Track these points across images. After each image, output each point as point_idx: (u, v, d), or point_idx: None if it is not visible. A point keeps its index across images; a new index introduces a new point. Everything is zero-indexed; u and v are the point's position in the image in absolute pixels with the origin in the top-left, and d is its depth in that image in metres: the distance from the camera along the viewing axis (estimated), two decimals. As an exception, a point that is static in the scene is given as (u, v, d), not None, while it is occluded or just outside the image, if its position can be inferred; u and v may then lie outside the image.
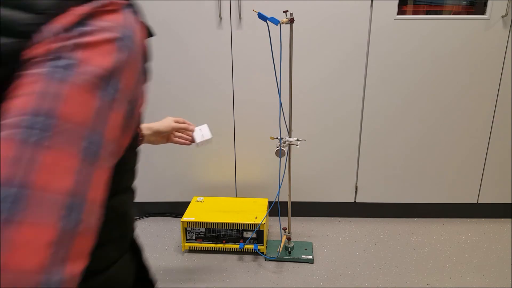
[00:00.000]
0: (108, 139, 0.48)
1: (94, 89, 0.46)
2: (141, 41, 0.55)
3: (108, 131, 0.48)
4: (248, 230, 1.87)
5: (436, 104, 1.99)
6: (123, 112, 0.51)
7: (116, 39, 0.50)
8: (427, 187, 2.13)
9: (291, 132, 1.75)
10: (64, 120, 0.43)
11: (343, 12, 1.86)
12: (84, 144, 0.44)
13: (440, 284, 1.72)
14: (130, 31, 0.52)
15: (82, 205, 0.43)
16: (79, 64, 0.46)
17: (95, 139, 0.46)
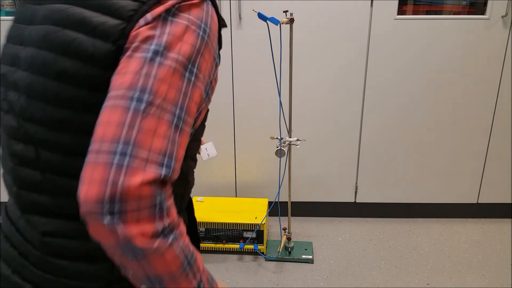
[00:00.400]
0: (190, 113, 0.60)
1: (180, 73, 0.58)
2: (216, 31, 0.65)
3: (190, 106, 0.60)
4: (248, 230, 1.87)
5: (436, 104, 1.99)
6: (201, 91, 0.62)
7: (197, 30, 0.61)
8: (427, 187, 2.13)
9: (291, 132, 1.75)
10: (160, 97, 0.55)
11: (343, 12, 1.86)
12: (172, 116, 0.56)
13: (440, 284, 1.72)
14: (208, 22, 0.63)
15: (172, 161, 0.56)
16: (168, 49, 0.58)
17: (181, 112, 0.58)
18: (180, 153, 0.58)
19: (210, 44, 0.63)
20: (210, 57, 0.64)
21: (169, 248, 0.56)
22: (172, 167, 0.56)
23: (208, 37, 0.62)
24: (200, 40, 0.61)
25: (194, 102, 0.60)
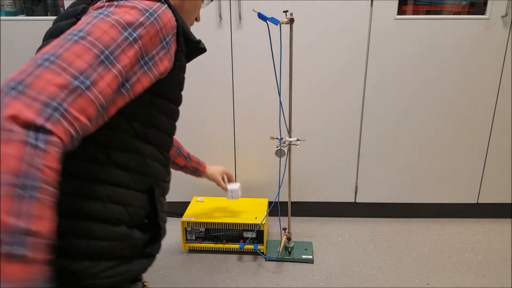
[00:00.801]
0: (119, 60, 0.70)
1: (119, 29, 0.70)
2: (168, 26, 0.78)
3: (121, 56, 0.70)
4: (248, 230, 1.87)
5: (436, 104, 1.99)
6: (137, 53, 0.73)
7: (142, 10, 0.75)
8: (427, 187, 2.13)
9: (291, 132, 1.75)
10: (92, 36, 0.67)
11: (343, 12, 1.86)
12: (100, 53, 0.67)
13: (440, 284, 1.72)
14: (157, 12, 0.76)
15: (91, 83, 0.65)
16: (112, 13, 0.72)
17: (110, 55, 0.68)
18: (100, 84, 0.66)
19: (157, 28, 0.76)
20: (156, 37, 0.76)
21: (21, 144, 0.55)
22: (87, 85, 0.64)
23: (155, 21, 0.75)
24: (145, 17, 0.74)
25: (127, 56, 0.71)
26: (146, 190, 0.86)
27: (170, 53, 0.80)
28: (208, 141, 2.09)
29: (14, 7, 2.04)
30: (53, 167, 0.58)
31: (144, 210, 0.86)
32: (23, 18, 1.93)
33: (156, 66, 0.78)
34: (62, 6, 1.94)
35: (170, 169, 0.99)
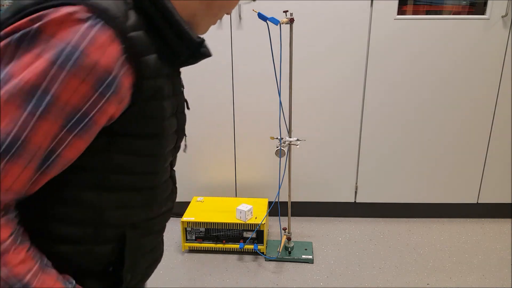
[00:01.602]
0: (31, 144, 0.57)
1: (16, 101, 0.56)
2: (101, 61, 0.58)
3: (33, 139, 0.57)
4: (248, 230, 1.87)
5: (436, 104, 1.99)
6: (53, 124, 0.58)
7: (57, 54, 0.56)
8: (427, 187, 2.13)
9: (291, 132, 1.75)
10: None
11: (343, 12, 1.86)
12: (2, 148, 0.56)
13: (440, 284, 1.72)
14: (80, 49, 0.57)
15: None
16: (8, 76, 0.56)
17: (11, 145, 0.56)
18: (6, 180, 0.58)
19: (83, 73, 0.58)
20: (84, 85, 0.58)
21: None
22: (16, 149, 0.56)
23: (75, 65, 0.57)
24: (58, 66, 0.57)
25: (39, 135, 0.58)
26: (114, 239, 0.76)
27: (120, 94, 0.63)
28: (208, 141, 2.09)
29: (14, 7, 2.04)
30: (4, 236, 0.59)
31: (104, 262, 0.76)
32: (23, 18, 1.93)
33: (95, 122, 0.62)
34: (62, 6, 1.94)
35: (169, 197, 0.87)
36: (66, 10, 0.58)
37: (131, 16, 0.64)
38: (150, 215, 0.81)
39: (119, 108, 0.64)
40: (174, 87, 0.78)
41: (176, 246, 2.00)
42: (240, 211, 1.86)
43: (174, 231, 2.12)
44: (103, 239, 0.74)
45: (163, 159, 0.79)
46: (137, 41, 0.63)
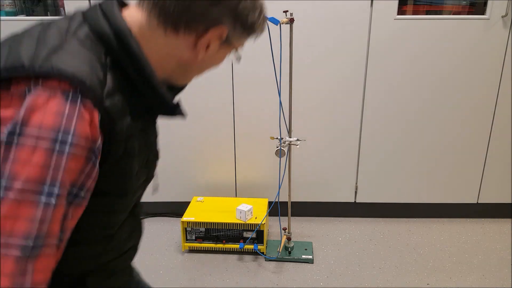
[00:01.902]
0: (55, 232, 0.59)
1: (31, 200, 0.56)
2: (89, 136, 0.61)
3: (54, 226, 0.59)
4: (248, 230, 1.87)
5: (435, 104, 1.99)
6: (61, 209, 0.60)
7: (51, 144, 0.57)
8: (427, 187, 2.13)
9: (291, 132, 1.75)
10: (5, 236, 0.55)
11: (343, 12, 1.86)
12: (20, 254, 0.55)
13: (440, 284, 1.72)
14: (71, 132, 0.59)
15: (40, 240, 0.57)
16: (12, 182, 0.55)
17: (36, 246, 0.57)
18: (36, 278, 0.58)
19: (80, 152, 0.60)
20: (80, 161, 0.60)
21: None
22: (42, 245, 0.57)
23: (73, 148, 0.59)
24: (57, 155, 0.58)
25: (57, 222, 0.59)
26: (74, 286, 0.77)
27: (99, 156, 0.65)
28: (208, 141, 2.09)
29: (14, 7, 2.04)
30: None
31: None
32: (23, 18, 1.93)
33: (89, 189, 0.65)
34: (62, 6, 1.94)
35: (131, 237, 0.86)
36: (45, 92, 0.59)
37: (108, 80, 0.65)
38: (109, 258, 0.81)
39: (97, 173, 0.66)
40: (146, 140, 0.79)
41: (176, 246, 2.00)
42: (240, 211, 1.86)
43: (174, 231, 2.12)
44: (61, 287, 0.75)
45: (125, 211, 0.80)
46: (112, 109, 0.64)
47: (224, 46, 0.75)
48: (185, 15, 0.68)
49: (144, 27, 0.70)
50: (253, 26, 0.76)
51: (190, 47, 0.72)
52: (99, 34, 0.67)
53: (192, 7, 0.68)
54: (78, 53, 0.63)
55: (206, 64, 0.78)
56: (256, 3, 0.74)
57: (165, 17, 0.69)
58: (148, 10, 0.70)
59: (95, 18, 0.68)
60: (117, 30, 0.67)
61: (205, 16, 0.69)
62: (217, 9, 0.69)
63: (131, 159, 0.73)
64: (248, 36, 0.77)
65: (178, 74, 0.78)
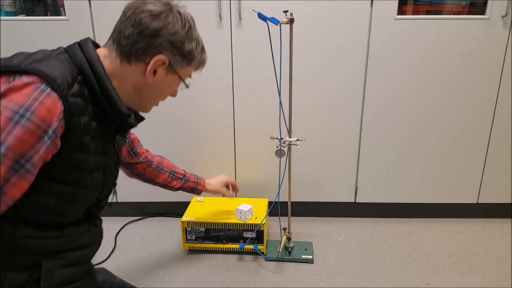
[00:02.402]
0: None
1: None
2: (47, 118, 0.78)
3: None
4: (248, 230, 1.87)
5: (435, 104, 1.99)
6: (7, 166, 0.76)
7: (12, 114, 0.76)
8: (427, 187, 2.13)
9: (291, 132, 1.75)
10: None
11: (343, 12, 1.86)
12: None
13: (440, 284, 1.72)
14: (31, 110, 0.77)
15: None
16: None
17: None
18: None
19: (32, 127, 0.77)
20: (32, 136, 0.78)
21: None
22: None
23: (28, 121, 0.77)
24: (13, 123, 0.76)
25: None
26: (29, 267, 0.89)
27: (55, 142, 0.82)
28: (208, 141, 2.09)
29: (14, 7, 2.04)
30: None
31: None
32: (23, 18, 1.93)
33: (35, 165, 0.80)
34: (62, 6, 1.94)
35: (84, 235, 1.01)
36: (24, 80, 0.79)
37: (75, 86, 0.86)
38: (63, 248, 0.95)
39: (51, 153, 0.82)
40: (104, 148, 0.98)
41: (176, 246, 2.00)
42: (240, 211, 1.86)
43: (174, 231, 2.12)
44: (18, 266, 0.88)
45: (78, 205, 0.95)
46: (73, 105, 0.84)
47: (170, 73, 0.98)
48: (134, 48, 0.92)
49: (107, 58, 0.94)
50: (191, 55, 0.98)
51: (141, 73, 0.95)
52: (75, 59, 0.90)
53: (138, 42, 0.91)
54: (54, 65, 0.85)
55: (158, 88, 0.99)
56: (191, 36, 0.97)
57: (121, 51, 0.93)
58: (109, 46, 0.95)
59: (74, 49, 0.91)
60: (89, 56, 0.90)
61: (148, 48, 0.92)
62: (157, 42, 0.92)
63: (84, 154, 0.90)
64: (189, 64, 1.00)
65: (136, 99, 0.99)
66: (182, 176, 1.63)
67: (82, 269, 1.02)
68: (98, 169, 0.97)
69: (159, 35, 0.92)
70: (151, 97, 1.01)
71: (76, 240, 0.98)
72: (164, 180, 1.58)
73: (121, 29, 0.93)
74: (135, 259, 1.90)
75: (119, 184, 2.14)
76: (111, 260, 1.89)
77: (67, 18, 1.90)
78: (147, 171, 1.52)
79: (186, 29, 0.95)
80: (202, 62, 1.05)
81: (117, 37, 0.93)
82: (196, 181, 1.69)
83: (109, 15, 1.89)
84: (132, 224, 2.19)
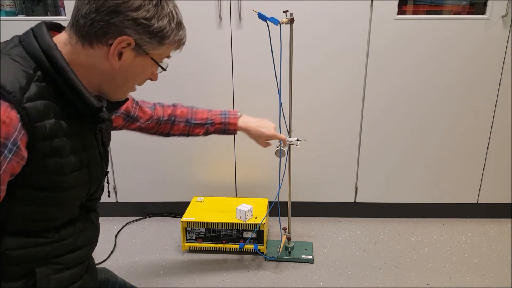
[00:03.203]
0: None
1: None
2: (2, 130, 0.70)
3: None
4: (248, 230, 1.87)
5: (436, 104, 1.99)
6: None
7: None
8: (427, 187, 2.13)
9: (291, 132, 1.75)
10: None
11: (343, 12, 1.86)
12: None
13: (440, 284, 1.72)
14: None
15: None
16: None
17: None
18: None
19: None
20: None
21: None
22: None
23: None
24: None
25: None
26: (23, 275, 0.85)
27: (20, 154, 0.74)
28: (208, 141, 2.09)
29: (14, 7, 2.04)
30: None
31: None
32: (23, 18, 1.93)
33: (2, 181, 0.74)
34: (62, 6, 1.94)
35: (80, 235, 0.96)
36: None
37: (31, 88, 0.76)
38: (57, 253, 0.90)
39: (18, 165, 0.75)
40: (84, 143, 0.90)
41: (176, 246, 2.00)
42: (240, 211, 1.86)
43: (174, 231, 2.12)
44: (11, 275, 0.83)
45: (65, 207, 0.89)
46: (32, 110, 0.74)
47: (140, 55, 0.85)
48: (93, 29, 0.79)
49: (67, 44, 0.82)
50: (162, 32, 0.84)
51: (105, 57, 0.82)
52: (31, 52, 0.79)
53: (96, 22, 0.79)
54: (5, 66, 0.75)
55: (129, 73, 0.87)
56: (161, 11, 0.83)
57: (81, 34, 0.81)
58: (69, 30, 0.83)
59: (28, 40, 0.81)
60: (45, 46, 0.79)
61: (109, 28, 0.79)
62: (117, 20, 0.79)
63: (58, 159, 0.82)
64: (161, 43, 0.85)
65: (107, 87, 0.88)
66: (204, 120, 1.43)
67: (80, 269, 0.98)
68: (81, 167, 0.89)
69: (119, 11, 0.79)
70: (123, 83, 0.89)
71: (71, 243, 0.93)
72: (181, 130, 1.41)
73: (78, 6, 0.80)
74: (135, 259, 1.90)
75: (119, 184, 2.14)
76: (111, 260, 1.89)
77: (67, 18, 1.90)
78: (158, 128, 1.39)
79: (153, 3, 0.81)
80: (179, 40, 0.89)
81: (75, 17, 0.81)
82: (223, 121, 1.45)
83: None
84: (132, 224, 2.19)
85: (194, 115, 1.44)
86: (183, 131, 1.43)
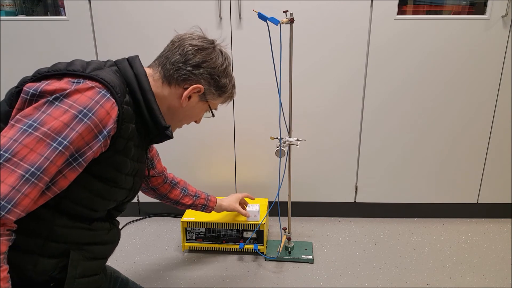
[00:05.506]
0: (48, 173, 0.82)
1: (45, 141, 0.82)
2: (104, 120, 0.89)
3: (50, 168, 0.82)
4: (248, 230, 1.87)
5: (436, 104, 1.99)
6: (65, 160, 0.85)
7: (77, 113, 0.85)
8: (427, 187, 2.13)
9: (291, 132, 1.75)
10: (17, 157, 0.80)
11: (343, 12, 1.86)
12: (25, 172, 0.79)
13: (440, 284, 1.72)
14: (94, 111, 0.87)
15: (13, 205, 0.78)
16: (42, 124, 0.82)
17: (36, 171, 0.80)
18: (24, 201, 0.79)
19: (92, 126, 0.87)
20: (90, 134, 0.87)
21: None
22: (7, 209, 0.77)
23: (89, 120, 0.86)
24: (77, 121, 0.85)
25: (55, 166, 0.83)
26: (59, 254, 0.96)
27: (106, 141, 0.91)
28: (208, 141, 2.09)
29: (14, 7, 2.04)
30: (3, 251, 0.78)
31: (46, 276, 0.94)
32: (23, 18, 1.93)
33: (86, 159, 0.89)
34: (62, 6, 1.94)
35: (107, 232, 1.08)
36: (88, 84, 0.89)
37: (127, 96, 0.97)
38: (89, 240, 1.02)
39: (100, 150, 0.91)
40: (139, 156, 1.08)
41: (176, 246, 2.00)
42: (252, 212, 1.85)
43: (174, 231, 2.12)
44: (50, 253, 0.94)
45: (108, 202, 1.03)
46: (126, 112, 0.95)
47: (202, 101, 1.11)
48: (177, 74, 1.06)
49: (150, 76, 1.06)
50: (224, 88, 1.12)
51: (177, 95, 1.08)
52: (123, 72, 1.01)
53: (181, 70, 1.05)
54: (111, 74, 0.95)
55: (189, 113, 1.12)
56: (227, 72, 1.12)
57: (164, 74, 1.06)
58: (155, 67, 1.08)
59: (123, 64, 1.03)
60: (137, 71, 1.02)
61: (189, 76, 1.06)
62: (198, 72, 1.07)
63: (125, 157, 1.00)
64: (220, 96, 1.13)
65: (167, 119, 1.10)
66: (193, 193, 1.65)
67: (102, 263, 1.09)
68: (132, 173, 1.06)
69: (201, 67, 1.06)
70: (180, 119, 1.13)
71: (100, 235, 1.05)
72: (176, 196, 1.59)
73: (168, 55, 1.07)
74: (135, 259, 1.90)
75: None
76: (111, 260, 1.89)
77: (67, 18, 1.90)
78: (161, 186, 1.54)
79: (224, 66, 1.11)
80: (230, 96, 1.18)
81: (163, 61, 1.06)
82: (206, 197, 1.70)
83: (109, 15, 1.89)
84: (132, 224, 2.19)
85: (188, 187, 1.65)
86: (176, 197, 1.60)
